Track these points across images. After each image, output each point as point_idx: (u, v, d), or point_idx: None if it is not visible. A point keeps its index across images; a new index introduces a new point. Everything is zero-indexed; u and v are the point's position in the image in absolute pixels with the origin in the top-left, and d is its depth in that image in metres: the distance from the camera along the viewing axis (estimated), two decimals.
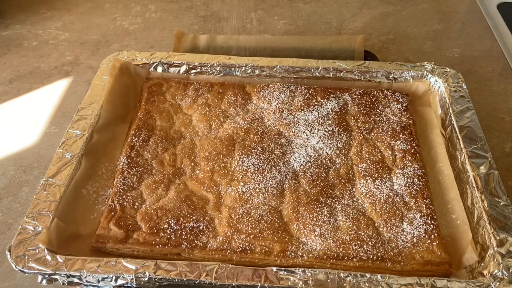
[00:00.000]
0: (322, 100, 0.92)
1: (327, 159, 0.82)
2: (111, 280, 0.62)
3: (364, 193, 0.76)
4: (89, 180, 0.77)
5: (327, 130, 0.86)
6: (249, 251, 0.68)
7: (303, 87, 0.94)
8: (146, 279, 0.62)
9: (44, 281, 0.63)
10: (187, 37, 1.09)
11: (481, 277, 0.64)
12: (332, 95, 0.93)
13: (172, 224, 0.71)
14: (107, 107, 0.86)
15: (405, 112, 0.89)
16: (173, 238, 0.69)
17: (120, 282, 0.62)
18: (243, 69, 0.96)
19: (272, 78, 0.96)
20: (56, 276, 0.63)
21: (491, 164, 0.76)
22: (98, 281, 0.63)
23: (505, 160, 0.91)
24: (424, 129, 0.88)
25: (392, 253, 0.68)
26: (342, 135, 0.85)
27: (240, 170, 0.79)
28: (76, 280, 0.63)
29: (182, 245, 0.68)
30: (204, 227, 0.71)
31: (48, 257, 0.63)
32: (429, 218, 0.72)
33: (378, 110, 0.90)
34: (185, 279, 0.61)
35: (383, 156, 0.83)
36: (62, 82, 1.09)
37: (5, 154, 0.92)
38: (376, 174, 0.79)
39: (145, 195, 0.76)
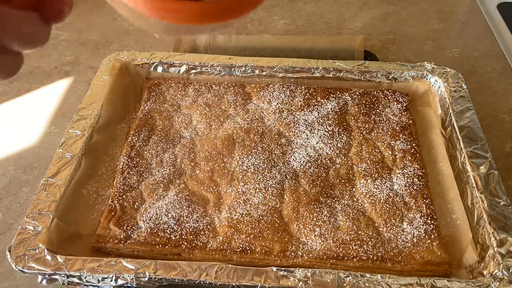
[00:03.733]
0: (322, 100, 0.92)
1: (327, 159, 0.82)
2: (111, 280, 0.62)
3: (364, 193, 0.76)
4: (89, 180, 0.77)
5: (327, 130, 0.86)
6: (249, 251, 0.68)
7: (303, 87, 0.94)
8: (146, 279, 0.62)
9: (44, 281, 0.63)
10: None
11: (481, 277, 0.64)
12: (332, 95, 0.93)
13: (172, 224, 0.71)
14: (107, 107, 0.86)
15: (405, 112, 0.89)
16: (173, 238, 0.69)
17: (120, 282, 0.62)
18: (243, 69, 0.96)
19: (272, 78, 0.96)
20: (56, 276, 0.63)
21: (491, 164, 0.76)
22: (98, 281, 0.63)
23: (505, 160, 0.91)
24: (424, 129, 0.88)
25: (392, 253, 0.68)
26: (342, 135, 0.85)
27: (240, 170, 0.79)
28: (76, 280, 0.63)
29: (182, 245, 0.68)
30: (204, 227, 0.71)
31: (48, 257, 0.63)
32: (429, 218, 0.72)
33: (378, 110, 0.90)
34: (185, 279, 0.61)
35: (383, 156, 0.83)
36: (62, 82, 1.09)
37: (5, 154, 0.92)
38: (376, 174, 0.79)
39: (145, 195, 0.76)
